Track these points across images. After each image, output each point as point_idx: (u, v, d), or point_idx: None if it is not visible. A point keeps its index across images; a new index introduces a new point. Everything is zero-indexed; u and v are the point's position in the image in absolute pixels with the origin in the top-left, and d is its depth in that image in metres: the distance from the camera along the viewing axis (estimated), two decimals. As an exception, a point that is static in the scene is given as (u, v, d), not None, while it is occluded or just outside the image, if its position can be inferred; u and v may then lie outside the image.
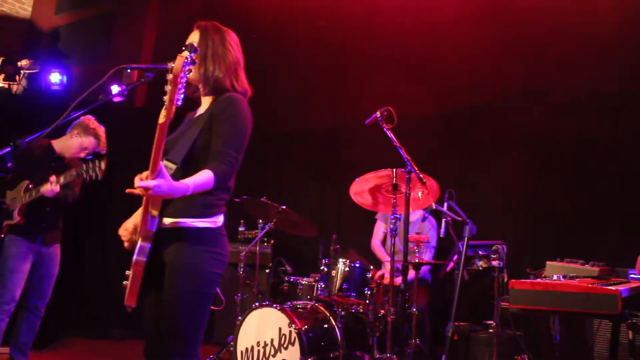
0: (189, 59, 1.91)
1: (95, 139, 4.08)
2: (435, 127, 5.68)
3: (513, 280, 2.63)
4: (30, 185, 3.84)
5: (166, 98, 1.89)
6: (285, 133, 6.80)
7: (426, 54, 5.40)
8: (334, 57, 5.87)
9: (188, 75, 2.30)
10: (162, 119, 1.92)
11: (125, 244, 2.31)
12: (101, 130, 4.12)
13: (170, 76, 1.88)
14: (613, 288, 2.43)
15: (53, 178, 3.70)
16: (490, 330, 4.12)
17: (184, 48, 1.94)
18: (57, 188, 3.71)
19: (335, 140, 6.45)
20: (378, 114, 3.73)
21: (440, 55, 5.36)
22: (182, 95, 1.91)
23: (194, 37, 2.40)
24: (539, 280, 2.75)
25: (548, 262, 3.61)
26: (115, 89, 5.47)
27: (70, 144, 4.03)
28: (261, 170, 6.61)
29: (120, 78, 5.75)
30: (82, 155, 4.11)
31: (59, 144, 4.06)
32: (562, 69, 4.94)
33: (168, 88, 1.89)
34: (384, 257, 4.89)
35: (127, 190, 2.01)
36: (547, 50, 4.94)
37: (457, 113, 5.62)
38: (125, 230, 2.31)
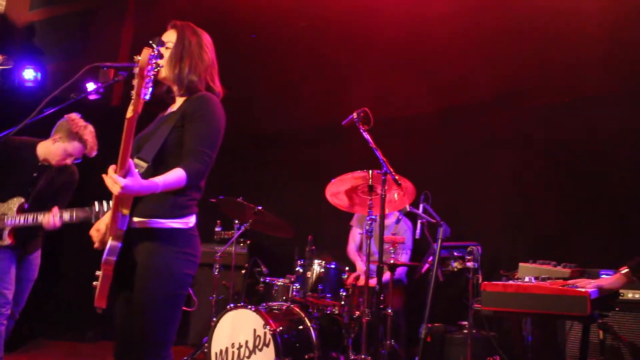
0: (156, 52, 1.88)
1: (81, 143, 3.69)
2: (412, 128, 5.70)
3: (485, 282, 2.64)
4: (25, 206, 3.56)
5: (134, 92, 1.87)
6: (263, 134, 6.78)
7: (407, 56, 5.40)
8: (313, 58, 5.85)
9: (163, 75, 2.26)
10: (129, 113, 1.89)
11: (96, 244, 2.27)
12: (87, 131, 3.72)
13: (136, 69, 1.86)
14: (582, 290, 2.45)
15: (56, 210, 3.45)
16: (465, 331, 4.14)
17: (151, 42, 1.91)
18: (58, 222, 3.46)
19: (313, 142, 6.44)
20: (354, 115, 3.72)
21: (421, 57, 5.36)
22: (151, 89, 1.89)
23: (171, 37, 2.36)
24: (510, 282, 2.77)
25: (521, 264, 3.64)
26: (91, 86, 5.38)
27: (53, 150, 3.66)
28: (238, 170, 6.58)
29: (96, 76, 5.66)
30: (69, 161, 3.76)
31: (42, 149, 3.69)
32: (543, 72, 4.99)
33: (135, 82, 1.86)
34: (361, 262, 4.88)
35: (103, 175, 1.97)
36: (529, 52, 4.96)
37: (434, 115, 5.65)
38: (97, 231, 2.28)
